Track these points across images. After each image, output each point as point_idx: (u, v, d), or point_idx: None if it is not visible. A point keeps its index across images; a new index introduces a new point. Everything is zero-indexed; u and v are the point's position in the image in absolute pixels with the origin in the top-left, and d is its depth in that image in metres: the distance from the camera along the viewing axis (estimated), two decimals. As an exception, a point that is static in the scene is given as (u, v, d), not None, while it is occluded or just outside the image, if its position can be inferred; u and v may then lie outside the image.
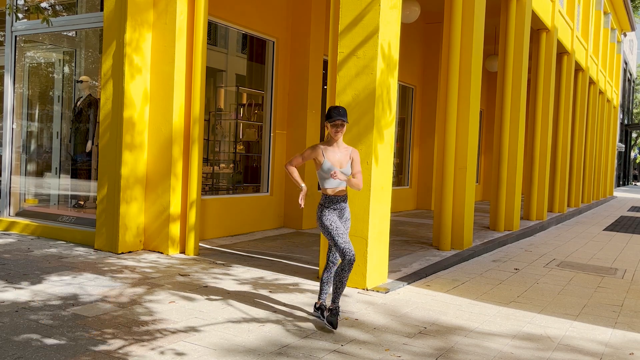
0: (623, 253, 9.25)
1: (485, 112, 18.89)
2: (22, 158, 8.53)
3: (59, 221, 7.79)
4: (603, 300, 5.88)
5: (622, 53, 30.11)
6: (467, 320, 4.87)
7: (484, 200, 18.99)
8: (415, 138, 14.61)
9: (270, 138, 9.57)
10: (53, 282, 5.36)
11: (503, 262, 7.85)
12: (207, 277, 5.89)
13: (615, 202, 24.13)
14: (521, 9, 10.68)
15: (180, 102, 6.98)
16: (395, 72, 6.03)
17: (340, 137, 4.46)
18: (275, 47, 9.54)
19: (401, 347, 4.10)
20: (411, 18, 10.58)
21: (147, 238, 7.14)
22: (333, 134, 4.43)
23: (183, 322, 4.37)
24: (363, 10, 5.70)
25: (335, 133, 4.42)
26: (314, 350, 3.92)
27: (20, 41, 8.47)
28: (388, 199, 5.98)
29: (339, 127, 4.41)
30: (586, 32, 17.76)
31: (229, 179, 9.26)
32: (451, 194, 8.32)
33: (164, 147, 6.96)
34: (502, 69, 10.71)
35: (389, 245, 6.97)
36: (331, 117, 4.38)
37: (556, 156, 15.26)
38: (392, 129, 5.97)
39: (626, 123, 43.30)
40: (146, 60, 7.05)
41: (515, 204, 10.89)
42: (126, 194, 6.90)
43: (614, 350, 4.30)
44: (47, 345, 3.75)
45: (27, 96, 8.62)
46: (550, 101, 13.28)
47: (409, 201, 14.41)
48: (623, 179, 46.50)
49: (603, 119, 22.92)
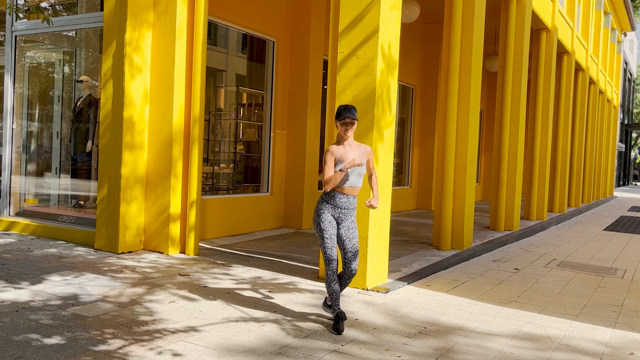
0: (623, 253, 9.25)
1: (485, 112, 18.89)
2: (22, 158, 8.53)
3: (59, 221, 7.80)
4: (603, 300, 5.88)
5: (622, 53, 30.11)
6: (467, 320, 4.87)
7: (484, 200, 18.98)
8: (415, 138, 14.61)
9: (270, 138, 9.57)
10: (53, 282, 5.37)
11: (503, 262, 7.85)
12: (207, 277, 5.89)
13: (615, 202, 24.13)
14: (521, 9, 10.68)
15: (180, 102, 6.98)
16: (396, 72, 6.03)
17: (350, 136, 4.42)
18: (275, 47, 9.54)
19: (401, 347, 4.10)
20: (411, 18, 10.58)
21: (147, 238, 7.14)
22: (343, 132, 4.39)
23: (183, 322, 4.37)
24: (363, 10, 5.70)
25: (345, 131, 4.39)
26: (313, 350, 3.92)
27: (20, 41, 8.47)
28: (388, 199, 5.98)
29: (348, 125, 4.37)
30: (586, 32, 17.76)
31: (229, 179, 9.26)
32: (451, 194, 8.32)
33: (164, 147, 6.96)
34: (502, 69, 10.71)
35: (389, 245, 6.97)
36: (341, 115, 4.35)
37: (556, 156, 15.26)
38: (392, 129, 5.97)
39: (626, 123, 43.30)
40: (146, 60, 7.05)
41: (515, 204, 10.89)
42: (126, 194, 6.90)
43: (614, 350, 4.30)
44: (47, 345, 3.75)
45: (27, 96, 8.62)
46: (550, 101, 13.28)
47: (409, 201, 14.41)
48: (623, 179, 46.50)
49: (603, 119, 22.91)
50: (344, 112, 4.35)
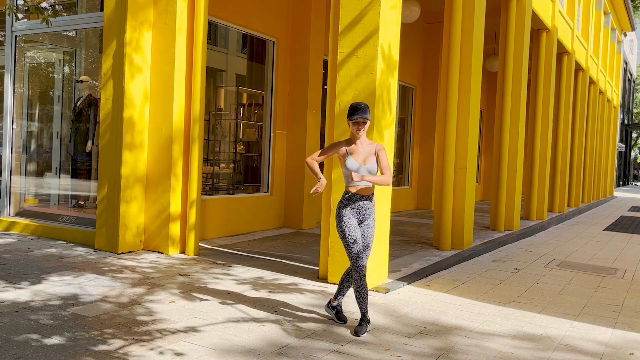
0: (623, 253, 9.24)
1: (485, 112, 18.89)
2: (22, 158, 8.53)
3: (59, 221, 7.80)
4: (603, 300, 5.88)
5: (622, 53, 30.11)
6: (467, 320, 4.87)
7: (484, 200, 18.98)
8: (415, 138, 14.61)
9: (270, 138, 9.57)
10: (53, 282, 5.36)
11: (503, 262, 7.85)
12: (207, 277, 5.89)
13: (615, 202, 24.13)
14: (521, 9, 10.68)
15: (181, 102, 6.98)
16: (396, 72, 6.03)
17: (362, 135, 4.38)
18: (275, 47, 9.54)
19: (401, 347, 4.10)
20: (411, 18, 10.57)
21: (147, 238, 7.14)
22: (355, 132, 4.36)
23: (183, 322, 4.37)
24: (363, 10, 5.70)
25: (357, 131, 4.35)
26: (313, 351, 3.92)
27: (20, 41, 8.47)
28: (388, 199, 5.98)
29: (360, 125, 4.34)
30: (586, 32, 17.76)
31: (229, 179, 9.26)
32: (451, 194, 8.32)
33: (164, 147, 6.96)
34: (502, 69, 10.71)
35: (389, 245, 6.97)
36: (353, 114, 4.32)
37: (556, 156, 15.26)
38: (392, 129, 5.97)
39: (626, 123, 43.30)
40: (146, 60, 7.05)
41: (515, 204, 10.89)
42: (126, 194, 6.90)
43: (614, 350, 4.30)
44: (47, 345, 3.75)
45: (27, 96, 8.62)
46: (550, 101, 13.28)
47: (409, 201, 14.41)
48: (623, 179, 46.50)
49: (603, 119, 22.91)
50: (357, 111, 4.30)
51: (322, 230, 6.07)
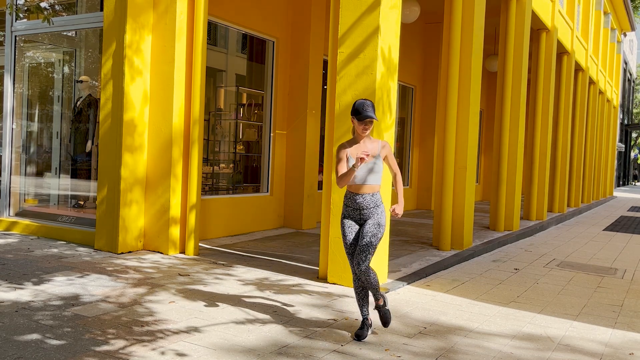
0: (623, 253, 9.25)
1: (485, 112, 18.89)
2: (22, 158, 8.53)
3: (59, 221, 7.80)
4: (603, 300, 5.89)
5: (622, 53, 30.11)
6: (467, 320, 4.88)
7: (484, 200, 18.99)
8: (415, 138, 14.61)
9: (270, 138, 9.57)
10: (53, 282, 5.37)
11: (503, 262, 7.85)
12: (208, 277, 5.89)
13: (615, 202, 24.13)
14: (521, 9, 10.68)
15: (180, 102, 6.98)
16: (396, 74, 6.03)
17: (367, 134, 4.21)
18: (275, 47, 9.54)
19: (401, 347, 4.10)
20: (411, 18, 10.58)
21: (148, 238, 7.14)
22: (360, 131, 4.16)
23: (184, 322, 4.37)
24: (363, 10, 5.70)
25: (363, 130, 4.15)
26: (314, 350, 3.92)
27: (20, 41, 8.47)
28: (388, 199, 5.98)
29: (368, 124, 4.13)
30: (586, 32, 17.76)
31: (229, 179, 9.26)
32: (451, 194, 8.32)
33: (164, 148, 6.97)
34: (502, 69, 10.71)
35: (389, 245, 6.97)
36: (360, 113, 4.10)
37: (556, 156, 15.26)
38: (392, 131, 5.98)
39: (626, 123, 43.31)
40: (146, 60, 7.05)
41: (515, 204, 10.89)
42: (126, 195, 6.90)
43: (614, 350, 4.31)
44: (48, 345, 3.76)
45: (27, 96, 8.63)
46: (550, 101, 13.29)
47: (409, 201, 14.41)
48: (623, 179, 46.51)
49: (603, 119, 22.92)
50: (364, 111, 4.09)
51: (322, 230, 6.07)
